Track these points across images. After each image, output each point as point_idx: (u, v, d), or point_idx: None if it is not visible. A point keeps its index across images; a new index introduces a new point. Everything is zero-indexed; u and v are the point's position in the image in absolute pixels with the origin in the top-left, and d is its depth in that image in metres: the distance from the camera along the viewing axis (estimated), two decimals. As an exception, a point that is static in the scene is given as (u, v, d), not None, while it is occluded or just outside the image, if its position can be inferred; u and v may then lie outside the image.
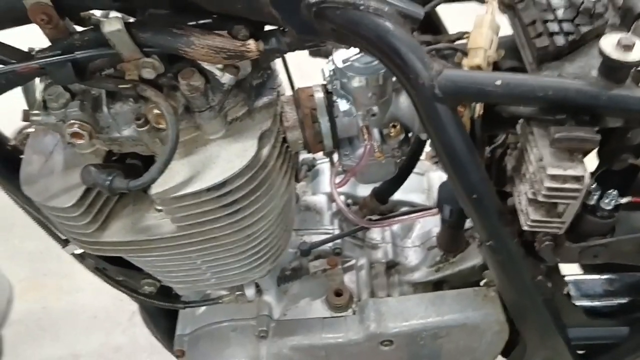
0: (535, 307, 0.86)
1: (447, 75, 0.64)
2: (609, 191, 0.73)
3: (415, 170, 0.96)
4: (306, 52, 0.77)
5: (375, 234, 1.12)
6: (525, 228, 0.73)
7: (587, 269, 1.09)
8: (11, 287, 1.51)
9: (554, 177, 0.66)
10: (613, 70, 0.63)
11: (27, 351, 1.86)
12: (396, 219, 1.06)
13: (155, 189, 0.72)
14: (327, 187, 1.14)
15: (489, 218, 0.75)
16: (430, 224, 1.10)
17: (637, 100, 0.63)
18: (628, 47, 0.62)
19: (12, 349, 1.78)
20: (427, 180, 1.19)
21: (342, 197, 1.13)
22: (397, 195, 1.13)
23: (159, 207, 0.78)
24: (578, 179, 0.66)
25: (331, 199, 1.12)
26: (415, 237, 1.12)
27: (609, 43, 0.62)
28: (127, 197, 0.83)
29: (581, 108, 0.64)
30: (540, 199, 0.68)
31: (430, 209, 1.05)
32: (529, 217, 0.71)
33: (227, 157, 0.74)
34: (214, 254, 0.85)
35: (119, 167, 0.77)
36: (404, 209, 1.13)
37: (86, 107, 0.73)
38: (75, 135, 0.72)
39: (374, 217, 1.08)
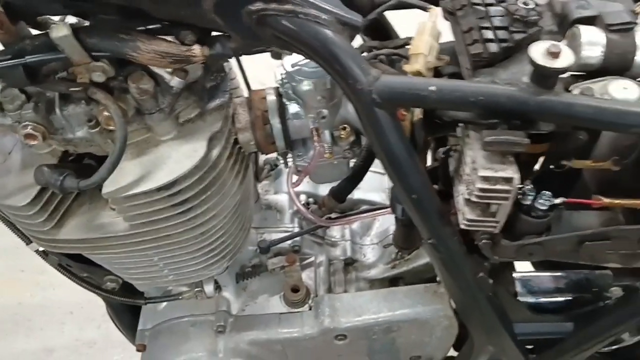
0: (478, 303, 0.89)
1: (384, 82, 0.67)
2: (544, 192, 0.76)
3: (376, 169, 0.98)
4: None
5: (334, 231, 1.15)
6: (463, 227, 0.76)
7: (538, 266, 1.12)
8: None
9: (485, 179, 0.69)
10: (542, 76, 0.66)
11: (2, 345, 1.88)
12: (352, 217, 1.09)
13: (106, 189, 0.75)
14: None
15: (429, 217, 0.78)
16: (388, 223, 1.13)
17: (564, 105, 0.66)
18: (555, 54, 0.65)
19: (-14, 343, 1.80)
20: (387, 179, 1.22)
21: (304, 196, 1.16)
22: (358, 194, 1.17)
23: (113, 206, 0.80)
24: (508, 180, 0.69)
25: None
26: (374, 235, 1.15)
27: (538, 50, 0.65)
28: (83, 195, 0.85)
29: (512, 113, 0.67)
30: (474, 199, 0.71)
31: (386, 207, 1.08)
32: (465, 217, 0.74)
33: (177, 157, 0.76)
34: (169, 251, 0.88)
35: (74, 167, 0.79)
36: (364, 207, 1.16)
37: (40, 109, 0.75)
38: (28, 136, 0.74)
39: (334, 216, 1.11)
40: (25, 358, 1.86)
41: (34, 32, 0.72)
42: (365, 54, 0.84)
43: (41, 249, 0.98)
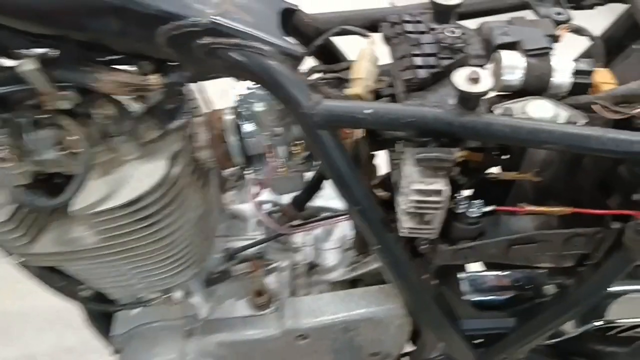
0: (425, 302, 0.97)
1: (324, 106, 0.74)
2: (475, 201, 0.84)
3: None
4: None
5: (297, 238, 1.22)
6: (402, 234, 0.83)
7: (489, 266, 1.20)
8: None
9: (418, 191, 0.76)
10: (465, 99, 0.73)
11: (-18, 353, 1.92)
12: (313, 224, 1.16)
13: (74, 206, 0.81)
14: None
15: (373, 225, 0.86)
16: (348, 228, 1.20)
17: (484, 125, 0.73)
18: (475, 80, 0.72)
19: (-33, 352, 1.84)
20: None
21: (269, 205, 1.23)
22: (319, 202, 1.23)
23: (81, 222, 0.87)
24: (439, 192, 0.76)
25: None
26: (335, 240, 1.22)
27: (461, 77, 0.72)
28: (56, 212, 0.91)
29: (439, 132, 0.75)
30: (409, 210, 0.79)
31: (346, 214, 1.15)
32: (403, 225, 0.82)
33: (139, 176, 0.83)
34: (137, 262, 0.93)
35: (44, 187, 0.86)
36: (325, 214, 1.23)
37: (12, 133, 0.80)
38: (2, 159, 0.80)
39: (296, 223, 1.18)
40: (7, 365, 1.91)
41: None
42: (316, 75, 0.91)
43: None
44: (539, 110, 0.76)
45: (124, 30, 0.70)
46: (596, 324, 1.14)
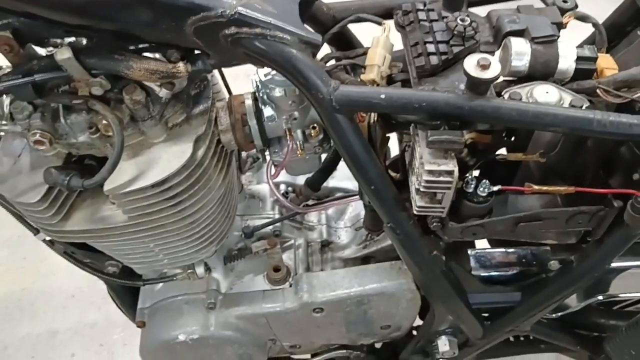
0: (435, 277, 1.02)
1: (342, 91, 0.79)
2: (483, 181, 0.88)
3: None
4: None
5: (312, 217, 1.27)
6: (415, 212, 0.88)
7: (495, 244, 1.25)
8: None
9: (430, 172, 0.81)
10: (475, 85, 0.77)
11: (8, 329, 2.00)
12: (327, 204, 1.21)
13: (107, 186, 0.86)
14: (269, 178, 1.29)
15: (386, 204, 0.90)
16: (360, 208, 1.25)
17: (492, 109, 0.77)
18: (485, 66, 0.76)
19: (-6, 327, 1.93)
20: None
21: (284, 186, 1.28)
22: (333, 183, 1.29)
23: (113, 201, 0.92)
24: (450, 173, 0.81)
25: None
26: (347, 219, 1.27)
27: (471, 63, 0.76)
28: (86, 191, 0.96)
29: (450, 116, 0.79)
30: (422, 189, 0.83)
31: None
32: (416, 204, 0.87)
33: (167, 158, 0.88)
34: (164, 239, 0.99)
35: (77, 168, 0.91)
36: (338, 194, 1.28)
37: (46, 118, 0.86)
38: (37, 142, 0.85)
39: (310, 203, 1.23)
40: (31, 340, 1.98)
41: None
42: (332, 61, 0.96)
43: (48, 238, 1.10)
44: (545, 95, 0.80)
45: (155, 21, 0.75)
46: (598, 298, 1.19)
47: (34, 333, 2.00)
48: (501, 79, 0.84)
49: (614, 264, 1.13)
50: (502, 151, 1.00)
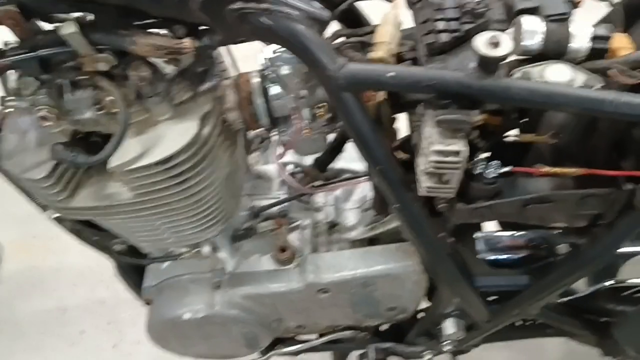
0: (441, 259, 1.01)
1: (349, 69, 0.77)
2: (492, 162, 0.87)
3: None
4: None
5: (319, 197, 1.27)
6: (422, 193, 0.88)
7: (505, 226, 1.24)
8: (2, 247, 1.66)
9: (438, 152, 0.80)
10: (485, 63, 0.76)
11: (19, 305, 2.03)
12: (334, 185, 1.21)
13: (112, 163, 0.86)
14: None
15: (393, 185, 0.90)
16: (367, 189, 1.24)
17: (502, 88, 0.76)
18: (496, 44, 0.74)
19: (6, 303, 1.96)
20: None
21: (291, 166, 1.27)
22: (341, 164, 1.28)
23: (118, 178, 0.92)
24: (457, 153, 0.80)
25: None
26: (355, 201, 1.26)
27: (481, 41, 0.75)
28: (92, 168, 0.96)
29: (459, 95, 0.78)
30: (430, 169, 0.82)
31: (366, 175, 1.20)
32: (423, 185, 0.86)
33: (172, 135, 0.87)
34: (169, 217, 0.99)
35: (83, 145, 0.91)
36: (345, 175, 1.27)
37: (52, 94, 0.85)
38: (43, 118, 0.85)
39: (318, 183, 1.22)
40: (42, 316, 2.01)
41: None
42: (341, 38, 0.95)
43: (56, 215, 1.10)
44: (557, 74, 0.78)
45: (160, -5, 0.74)
46: (607, 283, 1.18)
47: (44, 309, 2.03)
48: (513, 57, 0.83)
49: (624, 249, 1.12)
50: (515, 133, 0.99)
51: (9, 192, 0.99)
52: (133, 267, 1.27)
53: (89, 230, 1.14)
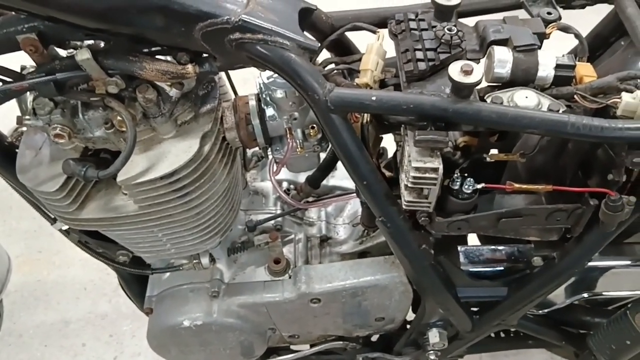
0: (424, 270, 1.08)
1: (336, 93, 0.86)
2: (468, 179, 0.95)
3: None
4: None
5: (312, 213, 1.34)
6: (404, 207, 0.95)
7: (484, 240, 1.31)
8: (9, 258, 1.71)
9: (417, 169, 0.87)
10: (458, 89, 0.84)
11: (23, 317, 2.08)
12: (326, 200, 1.28)
13: (120, 177, 0.94)
14: (272, 175, 1.36)
15: (378, 199, 0.97)
16: (358, 205, 1.32)
17: (474, 111, 0.83)
18: (468, 72, 0.83)
19: (10, 315, 2.02)
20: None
21: (286, 183, 1.35)
22: (333, 182, 1.36)
23: (125, 191, 1.00)
24: (435, 170, 0.87)
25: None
26: (345, 216, 1.34)
27: (455, 69, 0.83)
28: (100, 183, 1.03)
29: (435, 117, 0.86)
30: (410, 185, 0.90)
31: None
32: (404, 199, 0.93)
33: (175, 152, 0.95)
34: (171, 229, 1.06)
35: (93, 160, 0.99)
36: (337, 192, 1.35)
37: (66, 114, 0.93)
38: (57, 135, 0.93)
39: (311, 199, 1.30)
40: (45, 329, 2.06)
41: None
42: (331, 65, 1.03)
43: (64, 227, 1.17)
44: (524, 99, 0.86)
45: (167, 26, 0.82)
46: (584, 295, 1.24)
47: (48, 322, 2.08)
48: (485, 84, 0.91)
49: (597, 263, 1.19)
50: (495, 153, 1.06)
51: (15, 209, 1.07)
52: (135, 278, 1.35)
53: (94, 242, 1.21)
